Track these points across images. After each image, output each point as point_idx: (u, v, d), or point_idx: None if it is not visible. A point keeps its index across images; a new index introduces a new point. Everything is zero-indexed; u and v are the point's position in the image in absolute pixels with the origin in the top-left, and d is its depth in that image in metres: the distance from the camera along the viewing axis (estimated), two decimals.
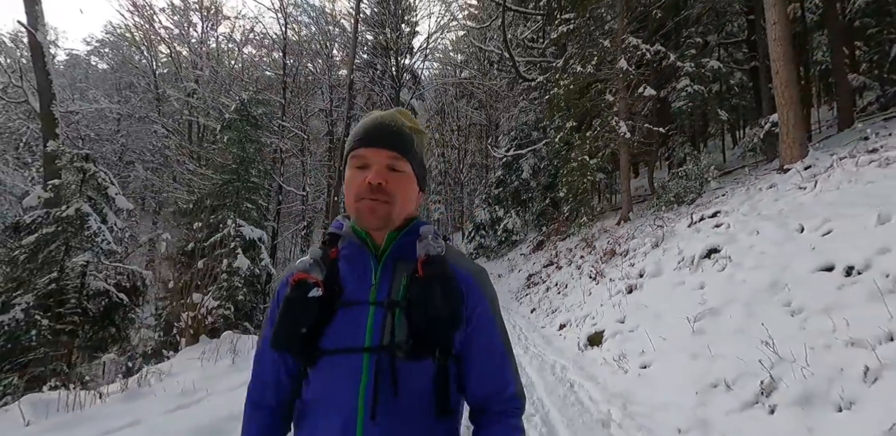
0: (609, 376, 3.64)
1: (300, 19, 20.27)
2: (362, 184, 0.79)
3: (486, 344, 0.85)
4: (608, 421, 2.79)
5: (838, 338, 2.45)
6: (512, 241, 18.11)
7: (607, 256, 7.37)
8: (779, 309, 3.07)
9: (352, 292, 0.81)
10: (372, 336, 0.77)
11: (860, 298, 2.61)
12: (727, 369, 2.77)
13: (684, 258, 4.96)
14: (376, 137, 0.82)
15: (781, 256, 3.70)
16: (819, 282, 3.04)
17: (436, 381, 0.79)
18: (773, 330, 2.81)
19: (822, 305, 2.79)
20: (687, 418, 2.56)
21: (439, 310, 0.76)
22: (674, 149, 13.63)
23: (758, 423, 2.29)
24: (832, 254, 3.20)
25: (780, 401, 2.31)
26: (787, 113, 7.11)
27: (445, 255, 0.83)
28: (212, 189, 11.27)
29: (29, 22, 8.89)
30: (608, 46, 8.99)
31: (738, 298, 3.53)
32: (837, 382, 2.19)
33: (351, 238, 0.86)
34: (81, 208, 6.66)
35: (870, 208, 3.53)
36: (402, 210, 0.83)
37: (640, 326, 4.17)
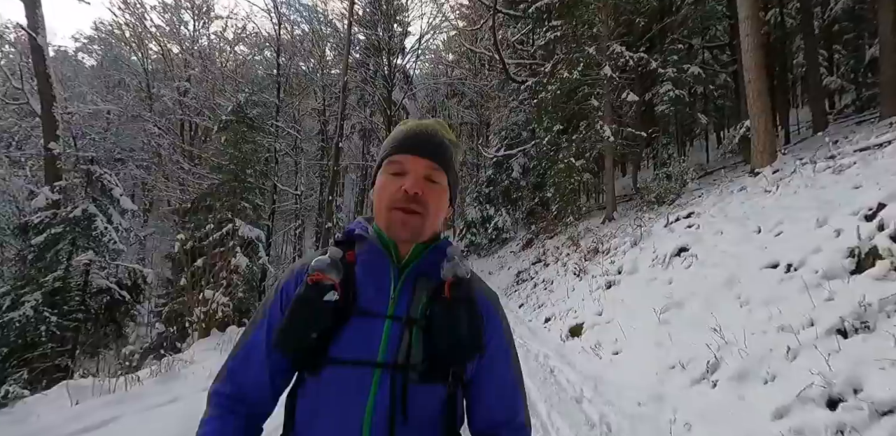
0: (585, 362, 4.10)
1: (292, 18, 20.47)
2: (397, 192, 0.77)
3: (500, 373, 0.83)
4: (580, 398, 3.24)
5: (772, 324, 2.91)
6: (502, 239, 18.58)
7: (591, 254, 7.85)
8: (731, 301, 3.54)
9: (368, 302, 0.78)
10: (386, 352, 0.74)
11: (793, 291, 3.07)
12: (683, 353, 3.23)
13: (658, 256, 5.44)
14: (418, 146, 0.81)
15: (739, 254, 4.17)
16: (765, 278, 3.51)
17: (445, 407, 0.77)
18: (724, 319, 3.28)
19: (765, 297, 3.26)
20: (646, 394, 3.01)
21: (463, 334, 0.74)
22: (658, 149, 14.18)
23: (701, 395, 2.75)
24: (779, 253, 3.67)
25: (721, 377, 2.77)
26: (759, 120, 7.62)
27: (471, 278, 0.82)
28: (209, 189, 11.56)
29: (29, 25, 9.11)
30: (593, 53, 9.44)
31: (699, 293, 4.00)
32: (766, 360, 2.66)
33: (374, 244, 0.83)
34: (88, 209, 6.96)
35: (816, 212, 4.01)
36: (433, 224, 0.82)
37: (615, 318, 4.63)
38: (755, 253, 3.97)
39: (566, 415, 3.00)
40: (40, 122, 9.42)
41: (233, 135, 11.12)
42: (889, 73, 8.74)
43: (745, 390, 2.56)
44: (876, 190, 3.55)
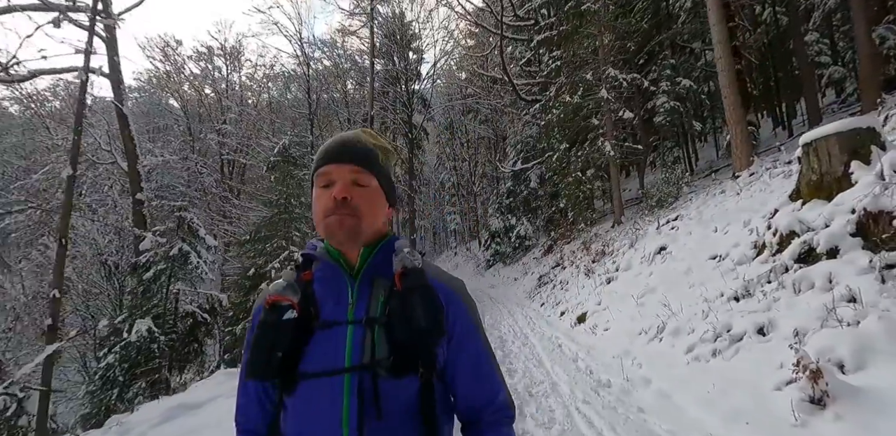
0: (584, 338, 5.52)
1: (316, 55, 22.70)
2: (328, 200, 0.81)
3: (470, 354, 0.86)
4: (576, 358, 4.68)
5: (700, 298, 4.29)
6: (525, 246, 19.90)
7: (598, 255, 9.21)
8: (684, 285, 4.91)
9: (329, 313, 0.81)
10: (352, 356, 0.77)
11: (718, 274, 4.45)
12: (645, 323, 4.64)
13: (645, 255, 6.81)
14: (338, 153, 0.85)
15: (697, 250, 5.54)
16: (706, 266, 4.89)
17: (420, 398, 0.79)
18: (674, 297, 4.67)
19: (702, 279, 4.64)
20: (619, 351, 4.43)
21: (420, 321, 0.77)
22: (664, 153, 15.40)
23: (650, 348, 4.15)
24: (719, 248, 5.05)
25: (664, 335, 4.17)
26: (735, 130, 8.89)
27: (423, 267, 0.84)
28: (262, 221, 13.45)
29: (115, 98, 11.23)
30: (590, 79, 10.90)
31: (666, 281, 5.38)
32: (691, 321, 4.05)
33: (325, 259, 0.86)
34: (182, 248, 8.79)
35: (750, 214, 5.36)
36: (370, 224, 0.84)
37: (609, 306, 6.03)
38: (707, 248, 5.33)
39: (564, 367, 4.46)
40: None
41: (280, 173, 13.01)
42: (866, 69, 9.80)
43: (676, 341, 3.96)
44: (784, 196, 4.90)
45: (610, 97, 10.65)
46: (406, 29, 22.99)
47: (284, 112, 21.91)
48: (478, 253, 25.84)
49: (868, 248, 3.19)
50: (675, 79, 12.13)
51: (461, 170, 32.58)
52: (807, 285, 3.29)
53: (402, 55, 22.55)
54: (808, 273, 3.34)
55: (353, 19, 20.91)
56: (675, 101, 12.07)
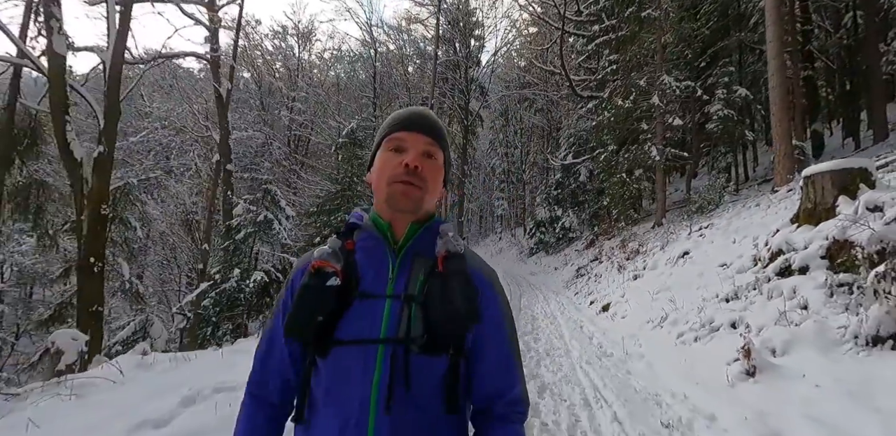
0: (604, 323, 6.61)
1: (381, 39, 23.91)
2: (397, 166, 0.83)
3: (495, 343, 0.88)
4: (592, 337, 5.80)
5: (701, 297, 5.27)
6: (569, 238, 20.73)
7: (632, 254, 10.10)
8: (692, 286, 5.86)
9: (369, 284, 0.84)
10: (387, 328, 0.80)
11: (719, 279, 5.39)
12: (653, 315, 5.67)
13: (671, 258, 7.71)
14: (416, 123, 0.87)
15: (713, 257, 6.42)
16: (714, 272, 5.80)
17: (447, 377, 0.82)
18: (682, 296, 5.64)
19: (707, 283, 5.58)
20: (627, 334, 5.50)
21: (458, 305, 0.79)
22: (717, 158, 15.67)
23: (652, 332, 5.21)
24: (729, 257, 5.93)
25: (665, 324, 5.20)
26: (779, 146, 9.37)
27: (464, 253, 0.87)
28: (328, 195, 15.09)
29: (214, 79, 12.95)
30: (643, 85, 11.50)
31: (680, 281, 6.32)
32: (689, 314, 5.06)
33: (370, 230, 0.89)
34: (267, 216, 10.44)
35: (761, 229, 6.16)
36: (430, 199, 0.87)
37: (630, 299, 7.04)
38: (720, 257, 6.22)
39: (580, 341, 5.61)
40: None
41: (346, 154, 14.51)
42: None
43: (672, 329, 5.00)
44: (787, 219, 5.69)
45: (661, 104, 11.24)
46: (470, 16, 23.66)
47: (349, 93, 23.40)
48: (522, 240, 26.83)
49: (830, 269, 4.09)
50: (732, 87, 12.43)
51: (512, 157, 33.27)
52: (777, 294, 4.24)
53: (464, 42, 23.32)
54: (780, 284, 4.28)
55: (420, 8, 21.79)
56: (730, 109, 12.42)
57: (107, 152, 6.95)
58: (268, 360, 0.90)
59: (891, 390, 2.60)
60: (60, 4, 6.92)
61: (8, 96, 9.40)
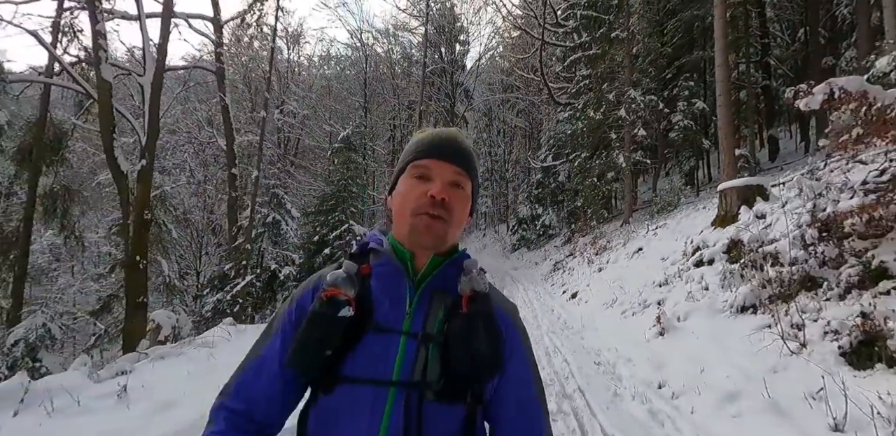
0: (570, 307, 8.16)
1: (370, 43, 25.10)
2: (422, 196, 0.79)
3: (521, 389, 0.84)
4: (559, 316, 7.35)
5: (643, 283, 6.83)
6: (549, 235, 22.36)
7: (600, 250, 11.70)
8: (640, 275, 7.43)
9: (383, 317, 0.79)
10: (401, 370, 0.75)
11: (658, 270, 6.96)
12: (607, 298, 7.23)
13: (628, 252, 9.31)
14: (445, 150, 0.83)
15: (658, 252, 8.00)
16: (656, 263, 7.39)
17: (464, 428, 0.78)
18: (631, 283, 7.21)
19: (651, 273, 7.16)
20: (587, 315, 7.05)
21: (482, 351, 0.75)
22: (682, 163, 17.44)
23: (605, 311, 6.77)
24: (668, 252, 7.52)
25: (613, 306, 6.76)
26: (726, 157, 11.02)
27: (489, 292, 0.83)
28: (325, 196, 16.39)
29: (220, 89, 14.09)
30: (612, 99, 13.08)
31: (632, 272, 7.89)
32: (632, 298, 6.62)
33: (389, 257, 0.83)
34: (275, 217, 11.73)
35: (697, 230, 7.75)
36: (454, 233, 0.83)
37: (593, 287, 8.61)
38: (663, 252, 7.81)
39: (549, 319, 7.16)
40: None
41: (342, 158, 15.83)
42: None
43: (619, 308, 6.56)
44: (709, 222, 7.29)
45: (627, 116, 12.85)
46: (455, 22, 25.03)
47: (340, 97, 24.59)
48: (505, 237, 28.43)
49: (728, 261, 5.67)
50: (692, 100, 14.12)
51: (495, 156, 34.80)
52: (690, 279, 5.82)
53: (450, 48, 24.71)
54: (693, 273, 5.86)
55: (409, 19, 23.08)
56: (690, 120, 14.11)
57: (148, 165, 8.20)
58: (255, 387, 0.82)
59: (738, 336, 4.14)
60: (107, 37, 8.12)
61: (39, 110, 10.53)
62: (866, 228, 4.12)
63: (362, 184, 16.96)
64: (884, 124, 3.73)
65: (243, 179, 14.80)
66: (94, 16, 7.93)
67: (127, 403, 2.66)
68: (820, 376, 2.87)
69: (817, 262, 4.31)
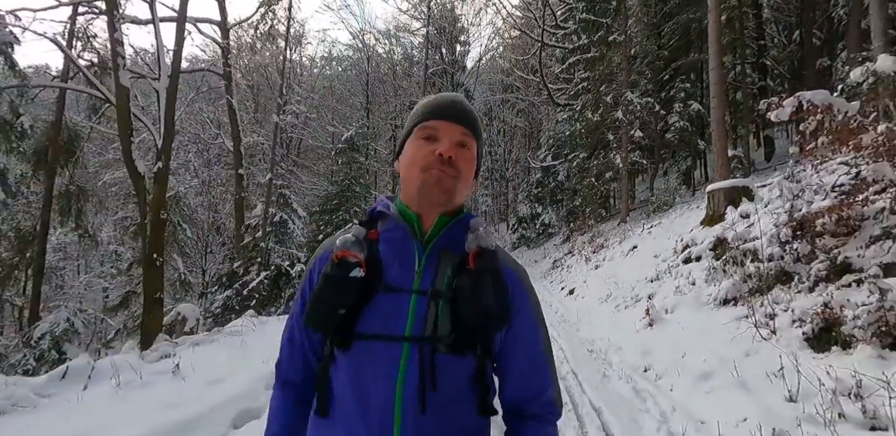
0: (567, 302, 8.59)
1: (371, 43, 25.46)
2: (430, 155, 0.81)
3: (528, 345, 0.87)
4: (557, 310, 7.77)
5: (637, 279, 7.25)
6: (548, 233, 22.79)
7: (598, 248, 12.12)
8: (634, 271, 7.85)
9: (393, 277, 0.82)
10: (413, 325, 0.79)
11: (651, 266, 7.38)
12: (602, 293, 7.65)
13: (623, 251, 9.72)
14: (451, 112, 0.85)
15: (652, 250, 8.42)
16: (649, 260, 7.80)
17: (475, 378, 0.82)
18: (624, 278, 7.63)
19: (643, 269, 7.58)
20: (583, 308, 7.48)
21: (490, 303, 0.78)
22: (679, 162, 17.85)
23: (599, 306, 7.19)
24: (660, 250, 7.94)
25: (608, 300, 7.18)
26: (719, 158, 11.43)
27: (496, 250, 0.85)
28: (329, 196, 16.81)
29: (227, 92, 14.48)
30: (610, 101, 13.49)
31: (627, 269, 8.31)
32: (625, 292, 7.04)
33: (397, 220, 0.87)
34: (282, 216, 12.13)
35: (688, 229, 8.17)
36: (463, 189, 0.85)
37: (589, 284, 9.03)
38: (656, 250, 8.22)
39: (546, 313, 7.52)
40: None
41: (346, 159, 16.24)
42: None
43: (612, 302, 6.98)
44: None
45: (624, 118, 13.25)
46: (455, 22, 25.39)
47: (342, 97, 24.96)
48: (505, 235, 28.84)
49: (713, 258, 6.09)
50: (687, 102, 14.52)
51: (496, 155, 35.22)
52: (678, 275, 6.24)
53: (450, 48, 25.08)
54: (682, 269, 6.28)
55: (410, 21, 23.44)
56: (686, 121, 14.51)
57: (164, 167, 8.60)
58: (292, 345, 0.91)
59: (718, 325, 4.56)
60: (124, 45, 8.52)
61: (55, 113, 10.93)
62: (836, 227, 4.54)
63: (366, 184, 17.37)
64: (849, 133, 4.15)
65: (247, 179, 15.22)
66: (113, 24, 8.31)
67: (182, 378, 3.07)
68: (782, 357, 3.28)
69: (791, 258, 4.73)
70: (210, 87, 14.41)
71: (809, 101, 4.00)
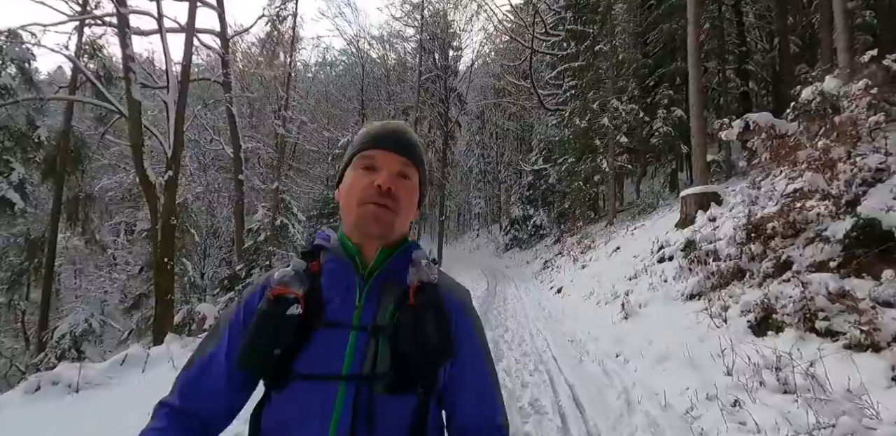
0: (555, 300, 9.24)
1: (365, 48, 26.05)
2: (368, 187, 0.81)
3: (476, 373, 0.88)
4: (544, 307, 8.42)
5: (618, 277, 7.92)
6: (540, 234, 23.50)
7: (585, 249, 12.80)
8: (616, 269, 8.51)
9: (333, 313, 0.80)
10: (352, 363, 0.77)
11: (630, 266, 8.05)
12: (586, 291, 8.32)
13: (608, 251, 10.40)
14: (390, 140, 0.85)
15: (633, 250, 9.09)
16: (629, 259, 8.47)
17: (416, 418, 0.80)
18: (607, 277, 8.29)
19: (624, 268, 8.25)
20: (568, 305, 8.14)
21: (430, 339, 0.77)
22: (665, 165, 18.61)
23: (582, 302, 7.85)
24: (640, 250, 8.61)
25: (590, 297, 7.84)
26: (697, 163, 12.15)
27: (438, 282, 0.85)
28: (325, 199, 17.39)
29: (226, 100, 15.02)
30: (596, 109, 14.20)
31: (610, 268, 8.98)
32: (606, 289, 7.71)
33: (338, 252, 0.85)
34: (283, 221, 12.70)
35: (668, 227, 8.86)
36: (403, 223, 0.85)
37: (576, 283, 9.69)
38: (636, 250, 8.90)
39: (534, 309, 8.23)
40: None
41: None
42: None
43: (594, 299, 7.64)
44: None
45: (610, 124, 13.97)
46: (448, 28, 26.05)
47: (337, 102, 25.53)
48: (498, 236, 29.53)
49: (683, 257, 6.76)
50: (671, 108, 15.27)
51: (488, 158, 35.97)
52: (653, 273, 6.91)
53: (443, 54, 25.71)
54: (656, 268, 6.95)
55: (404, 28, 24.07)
56: (669, 126, 15.25)
57: (174, 176, 9.16)
58: (201, 386, 0.83)
59: (683, 317, 5.21)
60: (136, 60, 9.08)
61: (63, 123, 11.45)
62: (784, 230, 5.22)
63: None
64: (790, 149, 4.84)
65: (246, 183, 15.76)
66: (124, 41, 8.87)
67: None
68: (727, 341, 3.94)
69: (747, 257, 5.40)
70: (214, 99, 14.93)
71: (755, 122, 4.67)
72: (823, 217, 4.74)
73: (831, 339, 3.49)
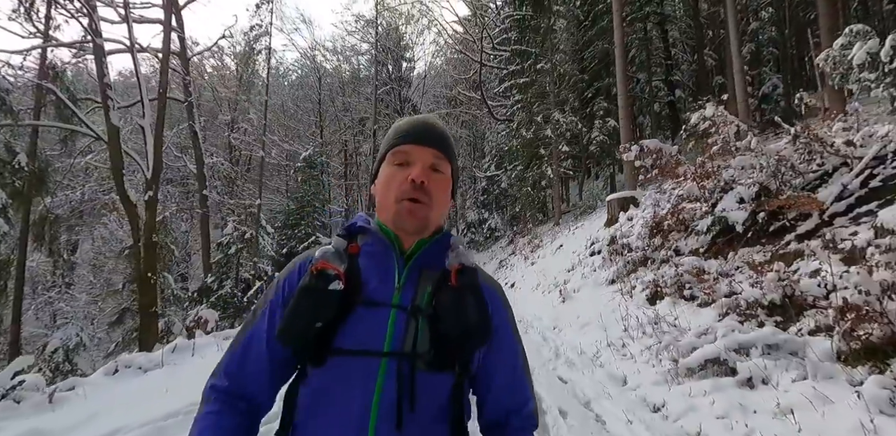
0: (510, 293, 10.45)
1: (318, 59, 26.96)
2: (403, 182, 0.83)
3: (509, 360, 0.90)
4: None
5: (559, 269, 9.48)
6: (495, 237, 25.11)
7: (535, 248, 14.43)
8: (559, 264, 10.07)
9: (373, 291, 0.82)
10: (392, 341, 0.78)
11: (569, 259, 9.63)
12: (534, 284, 9.83)
13: (553, 249, 12.03)
14: (423, 135, 0.87)
15: (572, 247, 10.71)
16: (569, 254, 10.06)
17: (453, 398, 0.82)
18: (551, 271, 9.83)
19: (564, 262, 9.82)
20: (521, 296, 9.61)
21: (473, 319, 0.79)
22: (605, 169, 20.71)
23: (531, 293, 9.34)
24: (578, 246, 10.23)
25: (536, 288, 9.36)
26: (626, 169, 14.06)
27: (476, 268, 0.87)
28: (290, 211, 18.27)
29: (190, 119, 15.67)
30: (540, 121, 15.94)
31: (554, 263, 10.55)
32: (548, 280, 9.25)
33: (377, 235, 0.88)
34: (253, 233, 13.55)
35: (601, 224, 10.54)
36: (437, 215, 0.87)
37: (526, 277, 11.21)
38: (575, 246, 10.52)
39: None
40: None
41: (305, 176, 17.81)
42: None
43: (540, 289, 9.15)
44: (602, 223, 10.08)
45: (552, 135, 15.74)
46: (400, 40, 27.44)
47: (293, 115, 26.29)
48: (454, 235, 30.92)
49: (608, 250, 8.38)
50: (605, 119, 17.28)
51: None
52: (585, 265, 8.49)
53: (396, 65, 27.06)
54: (587, 260, 8.55)
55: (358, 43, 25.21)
56: (605, 135, 17.23)
57: (154, 196, 9.99)
58: (245, 366, 0.85)
59: (604, 297, 6.72)
60: (113, 88, 9.88)
61: (29, 145, 11.92)
62: (676, 226, 6.88)
63: (323, 198, 18.95)
64: (673, 166, 6.49)
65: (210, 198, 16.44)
66: (101, 69, 9.66)
67: None
68: (628, 310, 5.47)
69: (651, 248, 7.04)
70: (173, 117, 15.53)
71: (647, 146, 6.29)
72: (698, 215, 6.42)
73: (693, 302, 5.07)
